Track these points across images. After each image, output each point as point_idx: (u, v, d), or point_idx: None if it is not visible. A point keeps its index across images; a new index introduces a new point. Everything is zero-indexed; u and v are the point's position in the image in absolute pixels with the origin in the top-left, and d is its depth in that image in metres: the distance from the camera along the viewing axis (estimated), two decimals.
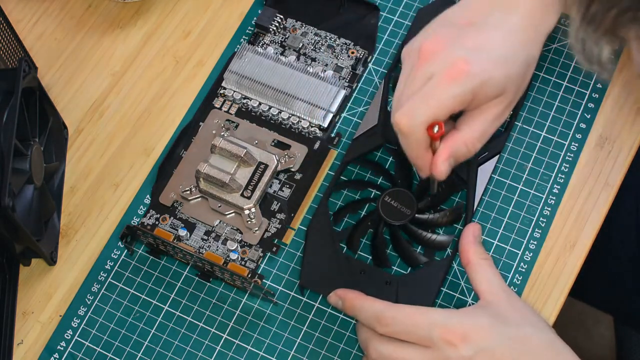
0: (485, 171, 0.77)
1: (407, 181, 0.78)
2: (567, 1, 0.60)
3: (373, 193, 0.78)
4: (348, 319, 0.74)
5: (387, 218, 0.75)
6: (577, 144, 0.80)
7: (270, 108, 0.82)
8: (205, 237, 0.77)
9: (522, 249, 0.76)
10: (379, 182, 0.79)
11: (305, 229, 0.77)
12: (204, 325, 0.75)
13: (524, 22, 0.71)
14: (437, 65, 0.69)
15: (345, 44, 0.84)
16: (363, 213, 0.77)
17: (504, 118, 0.72)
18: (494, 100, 0.70)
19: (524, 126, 0.80)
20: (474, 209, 0.76)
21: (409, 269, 0.75)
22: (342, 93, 0.82)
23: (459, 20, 0.72)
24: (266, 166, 0.78)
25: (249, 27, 0.86)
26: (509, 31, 0.71)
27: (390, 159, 0.79)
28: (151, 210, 0.79)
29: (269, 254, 0.77)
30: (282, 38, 0.85)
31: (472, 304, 0.74)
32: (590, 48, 0.52)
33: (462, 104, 0.69)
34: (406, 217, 0.75)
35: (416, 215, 0.75)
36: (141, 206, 0.79)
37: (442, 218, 0.76)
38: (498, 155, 0.78)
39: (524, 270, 0.75)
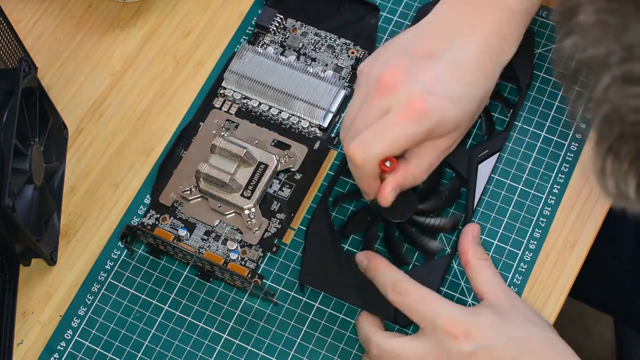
0: (485, 169, 0.77)
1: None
2: (553, 15, 0.59)
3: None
4: (348, 319, 0.74)
5: (386, 215, 0.75)
6: (577, 144, 0.80)
7: (270, 108, 0.82)
8: (205, 237, 0.77)
9: (522, 249, 0.76)
10: None
11: (305, 227, 0.77)
12: (204, 325, 0.75)
13: (481, 53, 0.71)
14: (395, 100, 0.69)
15: (345, 44, 0.84)
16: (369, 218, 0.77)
17: (451, 149, 0.73)
18: (446, 136, 0.71)
19: (524, 126, 0.80)
20: (474, 207, 0.76)
21: (410, 266, 0.75)
22: (342, 93, 0.82)
23: (418, 49, 0.71)
24: (266, 166, 0.78)
25: (249, 27, 0.86)
26: (465, 63, 0.70)
27: None
28: (151, 210, 0.79)
29: (269, 254, 0.77)
30: (282, 38, 0.85)
31: (473, 304, 0.74)
32: (617, 184, 0.50)
33: (416, 143, 0.70)
34: (410, 212, 0.75)
35: (414, 216, 0.76)
36: (141, 206, 0.79)
37: (440, 223, 0.76)
38: (498, 154, 0.78)
39: (524, 270, 0.75)
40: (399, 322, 0.73)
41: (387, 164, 0.69)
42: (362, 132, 0.69)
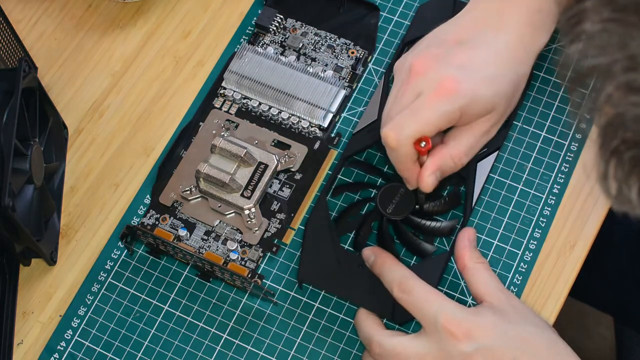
0: (484, 167, 0.78)
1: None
2: (559, 20, 0.60)
3: (373, 193, 0.78)
4: (348, 318, 0.74)
5: (387, 214, 0.75)
6: (577, 144, 0.80)
7: (270, 108, 0.82)
8: (205, 237, 0.77)
9: (522, 249, 0.76)
10: (378, 183, 0.79)
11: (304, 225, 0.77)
12: (204, 325, 0.75)
13: (514, 42, 0.72)
14: (426, 83, 0.70)
15: (345, 44, 0.84)
16: (363, 213, 0.78)
17: (492, 134, 0.74)
18: (482, 117, 0.72)
19: (524, 126, 0.80)
20: (473, 205, 0.76)
21: (411, 263, 0.75)
22: (342, 93, 0.82)
23: (449, 38, 0.73)
24: (266, 166, 0.78)
25: (249, 27, 0.86)
26: (497, 50, 0.72)
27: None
28: (151, 210, 0.79)
29: (269, 254, 0.77)
30: (282, 38, 0.85)
31: (473, 304, 0.74)
32: (619, 188, 0.50)
33: (450, 122, 0.70)
34: (406, 211, 0.75)
35: (411, 216, 0.76)
36: (141, 206, 0.79)
37: (439, 207, 0.76)
38: (497, 152, 0.78)
39: (524, 270, 0.75)
40: (396, 319, 0.73)
41: (422, 144, 0.69)
42: (395, 116, 0.70)
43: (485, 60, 0.71)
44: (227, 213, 0.77)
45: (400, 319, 0.72)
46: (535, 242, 0.76)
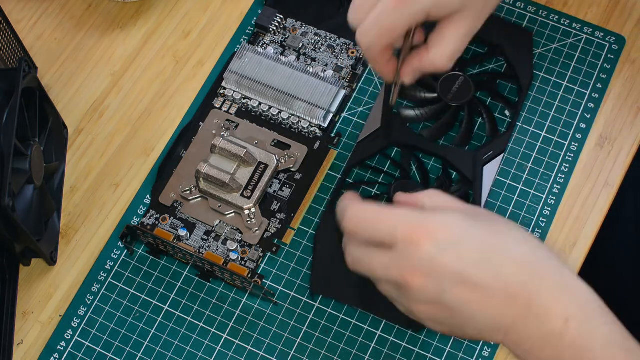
0: (490, 171, 0.77)
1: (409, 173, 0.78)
2: None
3: (372, 192, 0.78)
4: (348, 319, 0.74)
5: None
6: (577, 144, 0.80)
7: (270, 108, 0.82)
8: (205, 237, 0.77)
9: None
10: (380, 179, 0.79)
11: (314, 233, 0.77)
12: (204, 325, 0.75)
13: None
14: None
15: (345, 44, 0.84)
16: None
17: (470, 33, 0.70)
18: (458, 14, 0.68)
19: (524, 126, 0.80)
20: (482, 207, 0.76)
21: None
22: (342, 93, 0.82)
23: None
24: (266, 166, 0.78)
25: (249, 27, 0.86)
26: None
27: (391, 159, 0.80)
28: (151, 210, 0.79)
29: (269, 254, 0.77)
30: (282, 38, 0.85)
31: None
32: None
33: (416, 22, 0.68)
34: None
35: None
36: (141, 206, 0.79)
37: None
38: (503, 155, 0.78)
39: None
40: (412, 328, 0.72)
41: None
42: (364, 20, 0.68)
43: None
44: (227, 213, 0.77)
45: (416, 326, 0.72)
46: None
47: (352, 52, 0.84)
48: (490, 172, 0.77)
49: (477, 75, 0.82)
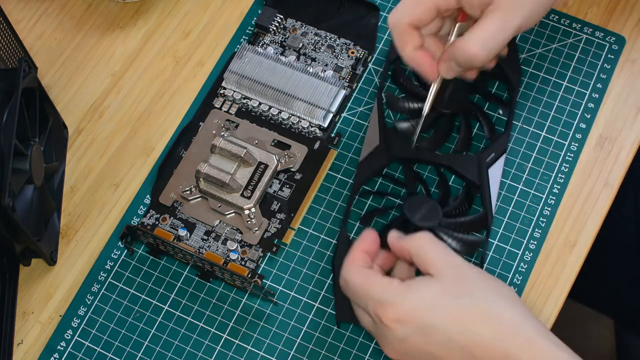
0: (495, 173, 0.77)
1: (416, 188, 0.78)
2: None
3: (395, 202, 0.78)
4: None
5: (418, 222, 0.73)
6: (577, 144, 0.80)
7: (270, 108, 0.82)
8: (205, 237, 0.77)
9: (522, 249, 0.76)
10: (390, 190, 0.78)
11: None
12: (204, 325, 0.75)
13: None
14: None
15: (345, 44, 0.84)
16: (389, 218, 0.77)
17: (508, 30, 0.71)
18: (491, 6, 0.70)
19: (524, 126, 0.80)
20: (493, 213, 0.76)
21: None
22: (342, 93, 0.82)
23: None
24: (266, 166, 0.78)
25: (249, 27, 0.86)
26: None
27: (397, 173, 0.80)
28: (151, 210, 0.79)
29: (269, 254, 0.77)
30: (282, 38, 0.85)
31: None
32: None
33: (447, 4, 0.72)
34: (435, 219, 0.74)
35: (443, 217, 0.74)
36: (141, 206, 0.79)
37: (463, 225, 0.75)
38: (505, 155, 0.78)
39: (524, 270, 0.75)
40: None
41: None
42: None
43: None
44: (227, 213, 0.77)
45: None
46: (535, 242, 0.76)
47: (352, 52, 0.84)
48: (495, 174, 0.77)
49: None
